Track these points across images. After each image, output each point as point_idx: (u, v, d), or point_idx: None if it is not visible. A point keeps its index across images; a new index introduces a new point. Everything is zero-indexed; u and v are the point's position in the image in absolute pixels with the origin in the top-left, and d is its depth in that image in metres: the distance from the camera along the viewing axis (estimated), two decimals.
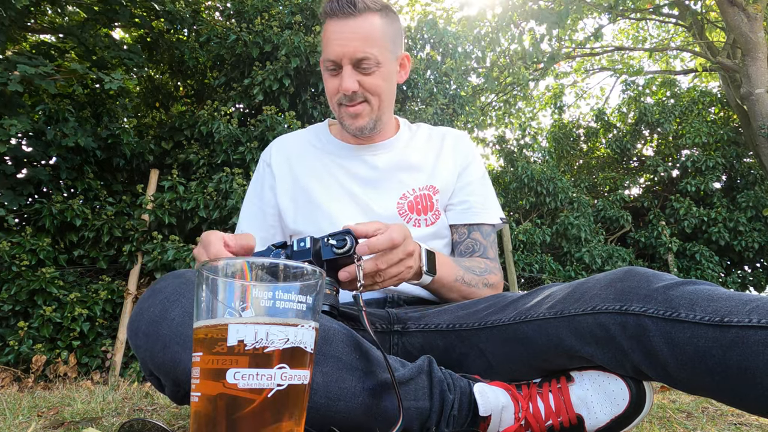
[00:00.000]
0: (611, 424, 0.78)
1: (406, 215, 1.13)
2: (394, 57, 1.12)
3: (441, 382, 0.78)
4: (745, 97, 7.18)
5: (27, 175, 3.51)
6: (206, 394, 0.44)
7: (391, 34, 1.10)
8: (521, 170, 6.87)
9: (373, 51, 1.05)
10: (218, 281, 0.46)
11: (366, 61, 1.05)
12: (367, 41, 1.04)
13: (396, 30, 1.12)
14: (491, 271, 1.12)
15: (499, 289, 1.13)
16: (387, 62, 1.08)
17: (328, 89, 1.12)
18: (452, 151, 1.23)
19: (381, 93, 1.10)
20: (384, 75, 1.09)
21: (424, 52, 5.39)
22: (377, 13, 1.07)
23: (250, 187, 1.27)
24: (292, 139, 1.27)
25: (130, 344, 0.77)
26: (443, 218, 1.17)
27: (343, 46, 1.04)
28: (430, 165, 1.20)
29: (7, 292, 3.14)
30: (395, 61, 1.13)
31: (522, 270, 5.98)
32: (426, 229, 1.13)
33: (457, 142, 1.25)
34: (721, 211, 7.22)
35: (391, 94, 1.15)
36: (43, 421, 1.20)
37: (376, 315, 0.98)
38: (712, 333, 0.64)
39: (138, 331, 0.72)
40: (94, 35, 4.09)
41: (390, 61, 1.10)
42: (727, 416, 1.11)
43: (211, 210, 3.68)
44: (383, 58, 1.07)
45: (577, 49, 11.08)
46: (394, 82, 1.15)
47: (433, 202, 1.16)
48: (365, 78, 1.06)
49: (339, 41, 1.04)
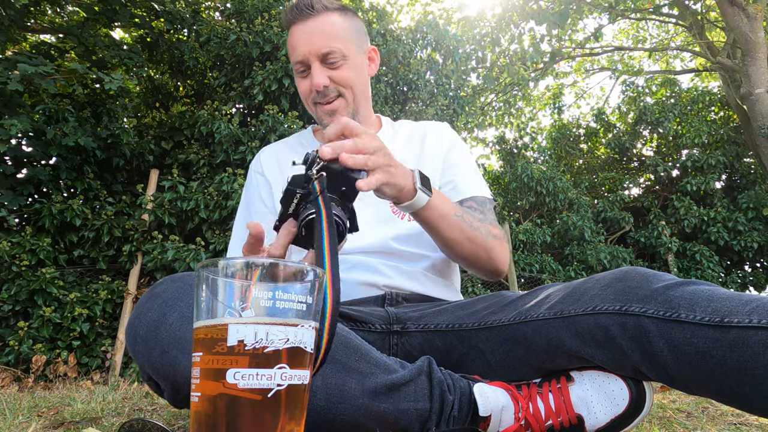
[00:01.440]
0: (611, 424, 0.78)
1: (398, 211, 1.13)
2: (360, 50, 1.15)
3: (441, 383, 0.78)
4: (745, 97, 7.18)
5: (27, 175, 3.51)
6: (206, 394, 0.44)
7: (353, 29, 1.14)
8: (521, 170, 6.87)
9: (337, 44, 1.09)
10: (218, 281, 0.46)
11: (332, 55, 1.08)
12: (330, 36, 1.09)
13: (356, 25, 1.16)
14: (494, 225, 1.09)
15: (505, 250, 1.08)
16: (353, 55, 1.12)
17: (302, 91, 1.15)
18: (435, 142, 1.25)
19: (353, 85, 1.12)
20: (353, 67, 1.11)
21: (424, 53, 5.40)
22: (335, 12, 1.12)
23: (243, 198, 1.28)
24: (278, 147, 1.30)
25: (128, 349, 0.76)
26: None
27: (308, 44, 1.09)
28: (414, 159, 1.21)
29: (7, 292, 3.14)
30: (362, 54, 1.16)
31: (522, 270, 5.98)
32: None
33: (439, 132, 1.27)
34: (721, 210, 7.22)
35: (364, 87, 1.16)
36: (43, 421, 1.20)
37: (375, 315, 0.98)
38: (712, 334, 0.64)
39: (136, 336, 0.72)
40: (94, 35, 4.09)
41: (356, 54, 1.13)
42: (727, 416, 1.11)
43: (211, 210, 3.68)
44: (348, 51, 1.11)
45: (577, 49, 11.08)
46: (365, 75, 1.17)
47: None
48: (334, 72, 1.10)
49: (303, 41, 1.09)
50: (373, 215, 1.11)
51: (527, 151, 7.60)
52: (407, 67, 4.84)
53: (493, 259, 1.04)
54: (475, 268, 1.06)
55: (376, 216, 1.11)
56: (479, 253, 1.02)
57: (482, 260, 1.03)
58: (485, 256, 1.03)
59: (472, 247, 1.00)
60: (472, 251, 1.01)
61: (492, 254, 1.04)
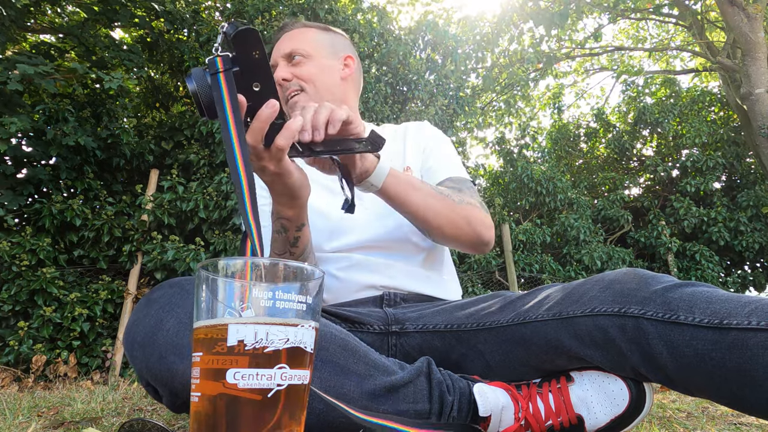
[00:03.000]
0: (611, 424, 0.78)
1: None
2: (331, 55, 1.17)
3: (440, 384, 0.78)
4: (745, 97, 7.18)
5: (27, 175, 3.51)
6: (206, 394, 0.44)
7: (326, 40, 1.18)
8: (521, 170, 6.87)
9: (303, 46, 1.14)
10: (218, 281, 0.46)
11: (295, 52, 1.13)
12: (297, 41, 1.14)
13: (332, 38, 1.20)
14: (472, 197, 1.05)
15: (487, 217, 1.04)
16: (320, 57, 1.15)
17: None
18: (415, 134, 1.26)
19: (315, 81, 1.12)
20: (317, 66, 1.14)
21: (424, 53, 5.40)
22: (313, 28, 1.19)
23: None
24: None
25: (126, 355, 0.76)
26: None
27: (278, 49, 1.16)
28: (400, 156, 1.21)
29: (7, 292, 3.14)
30: (334, 58, 1.18)
31: (522, 270, 5.98)
32: None
33: (419, 128, 1.28)
34: (721, 210, 7.22)
35: (331, 86, 1.15)
36: (43, 421, 1.20)
37: (374, 316, 0.98)
38: (711, 335, 0.64)
39: (134, 342, 0.72)
40: (94, 35, 4.09)
41: (324, 56, 1.15)
42: (727, 416, 1.11)
43: (210, 211, 3.68)
44: (315, 52, 1.14)
45: (576, 49, 11.09)
46: (335, 76, 1.17)
47: None
48: (296, 68, 1.13)
49: (276, 50, 1.16)
50: (371, 211, 1.11)
51: (527, 151, 7.60)
52: (407, 67, 4.84)
53: (473, 225, 1.00)
54: (460, 240, 1.01)
55: (374, 212, 1.11)
56: (458, 222, 0.98)
57: (464, 230, 0.99)
58: (465, 223, 0.99)
59: (450, 216, 0.97)
60: (450, 220, 0.97)
61: (471, 220, 0.99)
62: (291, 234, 0.88)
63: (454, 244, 1.02)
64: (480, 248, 1.04)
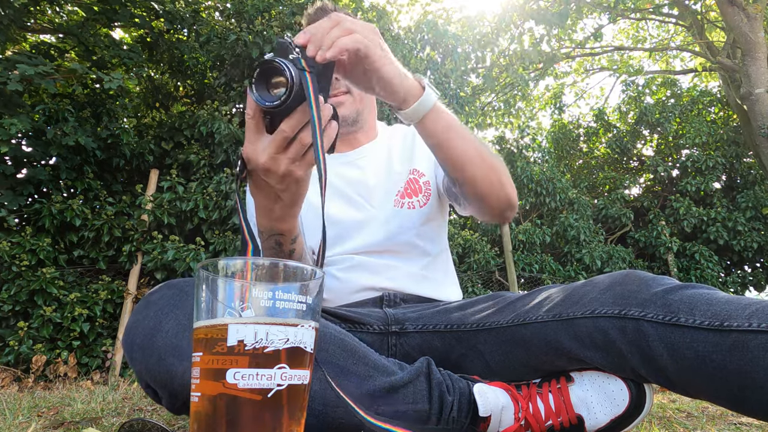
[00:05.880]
0: (611, 424, 0.78)
1: (399, 202, 1.13)
2: None
3: (440, 384, 0.78)
4: (745, 97, 7.18)
5: (27, 175, 3.51)
6: (206, 394, 0.44)
7: None
8: (521, 170, 6.86)
9: None
10: (218, 281, 0.46)
11: None
12: None
13: None
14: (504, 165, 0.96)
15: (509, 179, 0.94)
16: None
17: None
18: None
19: None
20: None
21: (424, 53, 5.40)
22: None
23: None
24: None
25: (125, 357, 0.76)
26: (434, 199, 1.16)
27: None
28: (408, 153, 1.21)
29: (7, 292, 3.14)
30: None
31: (522, 270, 5.98)
32: (420, 210, 1.13)
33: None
34: (721, 210, 7.22)
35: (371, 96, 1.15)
36: (43, 421, 1.20)
37: (373, 316, 0.97)
38: (711, 337, 0.64)
39: (133, 344, 0.71)
40: (94, 35, 4.09)
41: None
42: (727, 416, 1.11)
43: (210, 211, 3.68)
44: None
45: (576, 49, 11.08)
46: None
47: (421, 184, 1.16)
48: None
49: None
50: (377, 214, 1.11)
51: (527, 152, 7.58)
52: (407, 67, 4.83)
53: (504, 185, 0.90)
54: (489, 198, 0.90)
55: (380, 215, 1.11)
56: (491, 176, 0.88)
57: (495, 187, 0.89)
58: (497, 180, 0.89)
59: (484, 167, 0.87)
60: (484, 173, 0.87)
61: (502, 178, 0.90)
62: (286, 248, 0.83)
63: (481, 202, 0.93)
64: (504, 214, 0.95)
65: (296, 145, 0.64)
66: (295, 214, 0.77)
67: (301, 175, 0.67)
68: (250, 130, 0.65)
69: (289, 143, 0.64)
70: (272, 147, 0.64)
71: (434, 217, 1.16)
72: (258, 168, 0.66)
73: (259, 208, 0.74)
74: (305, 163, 0.66)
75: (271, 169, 0.65)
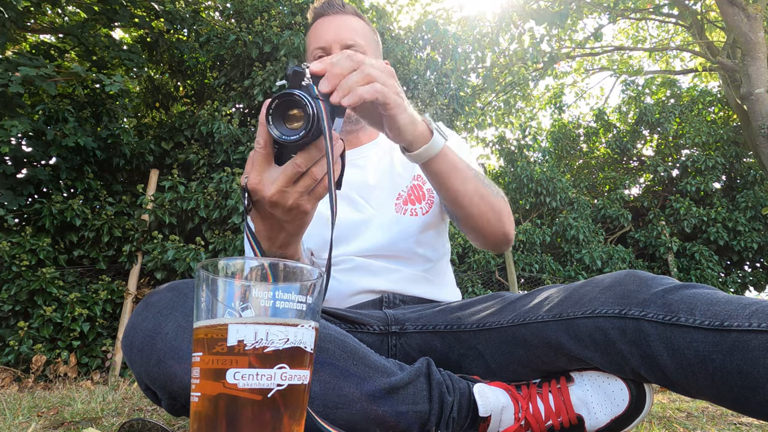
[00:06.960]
0: (611, 424, 0.78)
1: (401, 209, 1.13)
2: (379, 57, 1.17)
3: (440, 384, 0.78)
4: (745, 97, 7.18)
5: (27, 175, 3.51)
6: (206, 394, 0.44)
7: (374, 41, 1.17)
8: (521, 170, 6.87)
9: (361, 42, 1.10)
10: (218, 281, 0.46)
11: (355, 48, 1.08)
12: (356, 33, 1.11)
13: (377, 39, 1.20)
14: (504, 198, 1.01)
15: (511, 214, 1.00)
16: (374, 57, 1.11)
17: None
18: None
19: None
20: None
21: (424, 53, 5.40)
22: (363, 20, 1.16)
23: None
24: None
25: (125, 359, 0.76)
26: (436, 207, 1.15)
27: (336, 33, 1.09)
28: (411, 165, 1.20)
29: (7, 292, 3.14)
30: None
31: (522, 270, 5.98)
32: (423, 218, 1.12)
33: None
34: (721, 210, 7.22)
35: None
36: (43, 421, 1.20)
37: (373, 317, 0.97)
38: (712, 337, 0.64)
39: (132, 347, 0.71)
40: (94, 35, 4.09)
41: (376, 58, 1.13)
42: (727, 416, 1.11)
43: (211, 210, 3.68)
44: (371, 53, 1.12)
45: (577, 49, 11.08)
46: None
47: (425, 191, 1.16)
48: None
49: (330, 30, 1.10)
50: (377, 215, 1.10)
51: (527, 151, 7.58)
52: (407, 67, 4.84)
53: (503, 222, 0.95)
54: (485, 232, 0.95)
55: (381, 217, 1.10)
56: (488, 215, 0.93)
57: (492, 224, 0.94)
58: (495, 218, 0.94)
59: (482, 207, 0.92)
60: (481, 211, 0.92)
61: (502, 216, 0.95)
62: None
63: (474, 233, 0.98)
64: (500, 246, 1.00)
65: (307, 179, 0.63)
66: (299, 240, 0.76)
67: (309, 208, 0.66)
68: (259, 161, 0.63)
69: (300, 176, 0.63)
70: (282, 180, 0.62)
71: (436, 224, 1.16)
72: (265, 200, 0.64)
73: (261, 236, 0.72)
74: (314, 196, 0.65)
75: (279, 202, 0.64)
